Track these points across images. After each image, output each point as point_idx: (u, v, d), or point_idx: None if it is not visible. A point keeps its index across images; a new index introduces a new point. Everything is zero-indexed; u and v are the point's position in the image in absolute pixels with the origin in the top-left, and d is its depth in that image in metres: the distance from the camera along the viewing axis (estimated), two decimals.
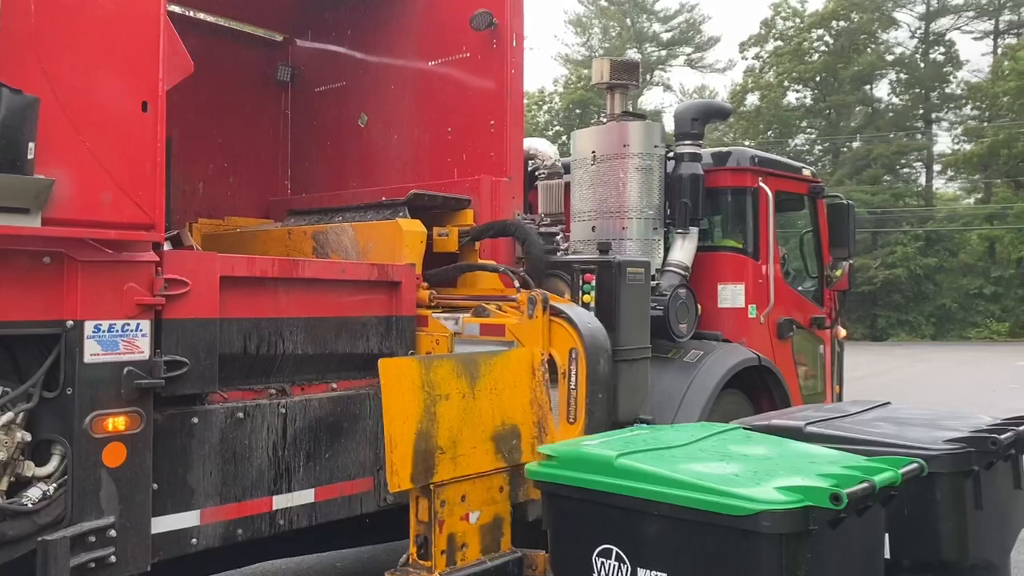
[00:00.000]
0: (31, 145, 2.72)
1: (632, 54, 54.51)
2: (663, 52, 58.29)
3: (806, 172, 7.26)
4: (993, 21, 49.15)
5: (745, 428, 3.99)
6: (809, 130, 52.84)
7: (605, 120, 6.38)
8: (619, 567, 3.12)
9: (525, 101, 5.43)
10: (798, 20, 51.84)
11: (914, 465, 3.27)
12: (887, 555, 3.54)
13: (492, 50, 4.97)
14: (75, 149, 2.90)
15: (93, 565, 3.01)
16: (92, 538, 3.00)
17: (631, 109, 6.44)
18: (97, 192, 2.96)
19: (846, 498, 2.74)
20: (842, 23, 50.35)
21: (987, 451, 3.70)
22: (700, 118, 6.44)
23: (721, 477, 3.03)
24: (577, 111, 50.12)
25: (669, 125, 6.86)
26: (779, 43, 52.33)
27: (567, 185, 6.49)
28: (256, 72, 6.13)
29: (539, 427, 4.13)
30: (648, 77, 57.24)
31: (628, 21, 56.06)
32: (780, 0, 52.72)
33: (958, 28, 49.73)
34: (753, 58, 53.91)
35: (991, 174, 45.07)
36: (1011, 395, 16.52)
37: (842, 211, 7.14)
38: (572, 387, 4.36)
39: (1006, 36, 49.00)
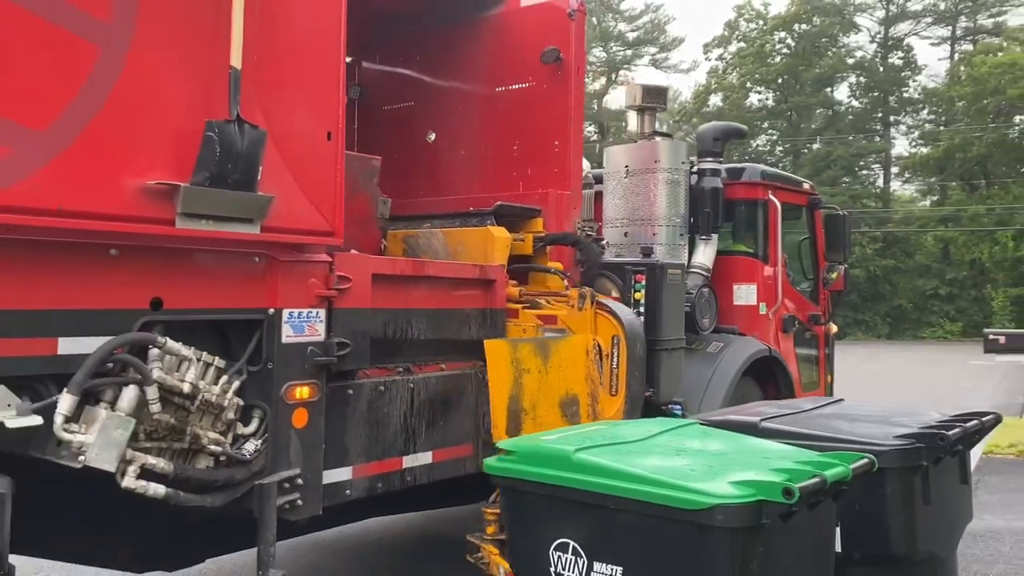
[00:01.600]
0: (260, 168, 3.44)
1: (598, 53, 55.43)
2: (628, 52, 59.22)
3: (806, 185, 8.19)
4: (950, 28, 50.85)
5: (702, 423, 4.08)
6: (771, 131, 54.16)
7: (636, 138, 7.19)
8: (576, 561, 3.13)
9: None
10: (761, 22, 53.12)
11: (864, 461, 3.30)
12: (838, 548, 3.59)
13: (557, 80, 5.74)
14: (281, 171, 3.62)
15: (288, 507, 3.73)
16: (287, 485, 3.73)
17: (658, 128, 7.27)
18: (296, 206, 3.67)
19: (798, 492, 2.76)
20: (804, 26, 51.70)
21: (935, 447, 3.76)
22: (721, 138, 7.31)
23: (677, 471, 3.05)
24: None
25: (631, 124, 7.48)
26: (742, 45, 53.60)
27: (597, 194, 7.30)
28: None
29: (592, 397, 5.02)
30: (613, 77, 58.22)
31: (594, 20, 56.84)
32: (744, 2, 53.98)
33: (916, 34, 51.41)
34: (717, 59, 55.19)
35: (946, 177, 46.75)
36: (964, 393, 17.54)
37: (838, 220, 8.06)
38: (614, 367, 5.25)
39: (962, 42, 50.77)
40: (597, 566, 3.06)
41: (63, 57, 2.92)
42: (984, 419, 4.21)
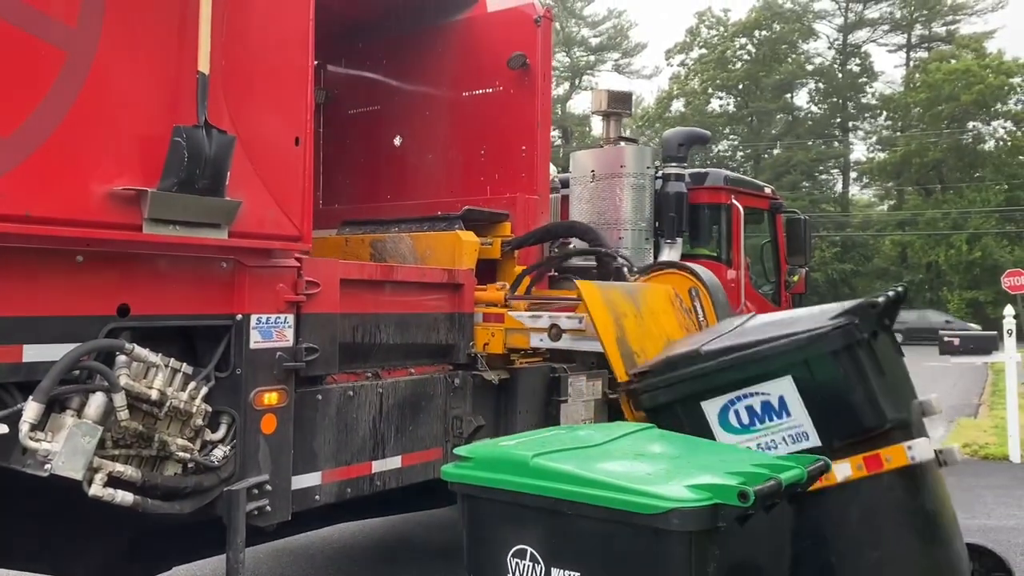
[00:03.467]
0: (228, 174, 3.43)
1: (561, 58, 55.75)
2: (591, 57, 59.70)
3: (767, 190, 8.32)
4: (906, 35, 51.86)
5: (649, 395, 3.98)
6: (732, 136, 54.87)
7: (602, 143, 7.26)
8: (533, 567, 3.10)
9: None
10: (722, 29, 53.82)
11: (820, 463, 3.31)
12: (818, 443, 3.66)
13: (523, 85, 5.79)
14: (249, 176, 3.60)
15: (257, 513, 3.72)
16: (256, 491, 3.72)
17: (624, 134, 7.35)
18: (264, 211, 3.66)
19: (753, 495, 2.76)
20: (764, 33, 52.46)
21: (869, 318, 3.71)
22: (685, 143, 7.40)
23: (633, 476, 3.03)
24: None
25: (596, 128, 7.71)
26: (704, 51, 54.25)
27: (564, 199, 7.36)
28: None
29: None
30: (577, 82, 58.60)
31: (558, 25, 57.20)
32: (705, 9, 54.69)
33: (874, 41, 52.43)
34: (679, 65, 55.88)
35: (903, 182, 47.65)
36: (919, 393, 17.97)
37: (798, 224, 8.20)
38: (701, 318, 5.18)
39: (918, 49, 51.79)
40: (555, 572, 3.04)
41: (28, 62, 2.89)
42: (897, 290, 4.01)
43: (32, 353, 3.02)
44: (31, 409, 2.94)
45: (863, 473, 3.63)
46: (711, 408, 3.86)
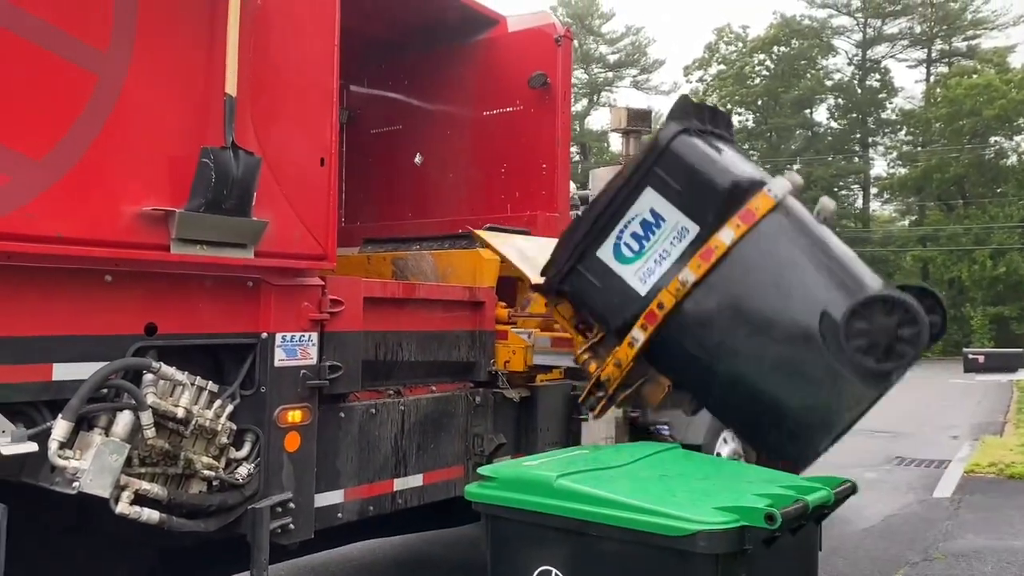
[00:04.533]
0: (254, 194, 3.47)
1: (579, 75, 55.91)
2: (610, 74, 59.86)
3: None
4: (926, 50, 51.66)
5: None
6: (751, 152, 54.80)
7: (622, 160, 7.28)
8: None
9: None
10: (740, 45, 53.86)
11: (846, 485, 3.33)
12: (697, 228, 3.79)
13: (544, 104, 5.83)
14: (275, 197, 3.65)
15: (280, 531, 3.74)
16: (279, 509, 3.73)
17: None
18: (289, 230, 3.70)
19: (780, 518, 2.76)
20: (783, 49, 52.44)
21: (688, 112, 3.99)
22: None
23: (659, 497, 3.02)
24: None
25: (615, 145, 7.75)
26: (722, 67, 54.25)
27: None
28: None
29: None
30: (595, 98, 58.74)
31: (576, 42, 57.28)
32: (723, 25, 54.69)
33: (893, 56, 52.24)
34: (697, 81, 55.80)
35: (924, 197, 47.32)
36: (944, 411, 17.70)
37: None
38: None
39: (938, 65, 51.57)
40: None
41: (61, 86, 2.95)
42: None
43: (62, 371, 3.06)
44: (60, 427, 2.98)
45: (744, 229, 3.75)
46: (606, 252, 4.05)
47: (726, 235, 3.75)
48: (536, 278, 4.42)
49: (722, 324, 3.81)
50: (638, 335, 3.94)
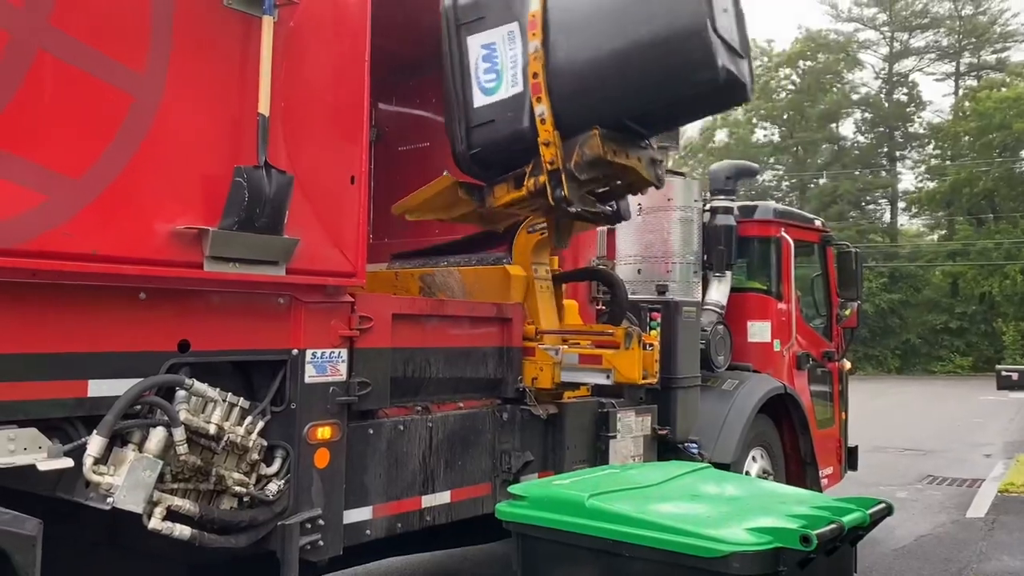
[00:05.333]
0: (286, 212, 3.50)
1: None
2: None
3: (817, 223, 8.25)
4: (954, 63, 51.26)
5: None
6: (777, 167, 54.48)
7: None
8: None
9: None
10: (766, 59, 53.63)
11: (882, 506, 3.29)
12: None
13: None
14: (306, 215, 3.68)
15: (309, 547, 3.74)
16: (309, 525, 3.74)
17: (671, 168, 7.34)
18: (320, 248, 3.73)
19: (815, 539, 2.74)
20: (809, 63, 52.21)
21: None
22: (733, 176, 7.38)
23: (691, 518, 3.02)
24: None
25: None
26: None
27: (610, 232, 7.35)
28: None
29: None
30: None
31: None
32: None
33: (920, 70, 51.88)
34: None
35: (954, 212, 46.80)
36: (976, 428, 17.44)
37: (849, 258, 8.09)
38: None
39: (966, 78, 51.14)
40: None
41: (99, 107, 3.00)
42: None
43: (97, 388, 3.09)
44: (95, 443, 3.01)
45: None
46: (479, 98, 4.61)
47: (534, 4, 4.35)
48: None
49: (579, 47, 4.31)
50: (540, 109, 4.35)
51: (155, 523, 3.20)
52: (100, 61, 3.00)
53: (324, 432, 3.83)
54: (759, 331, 7.30)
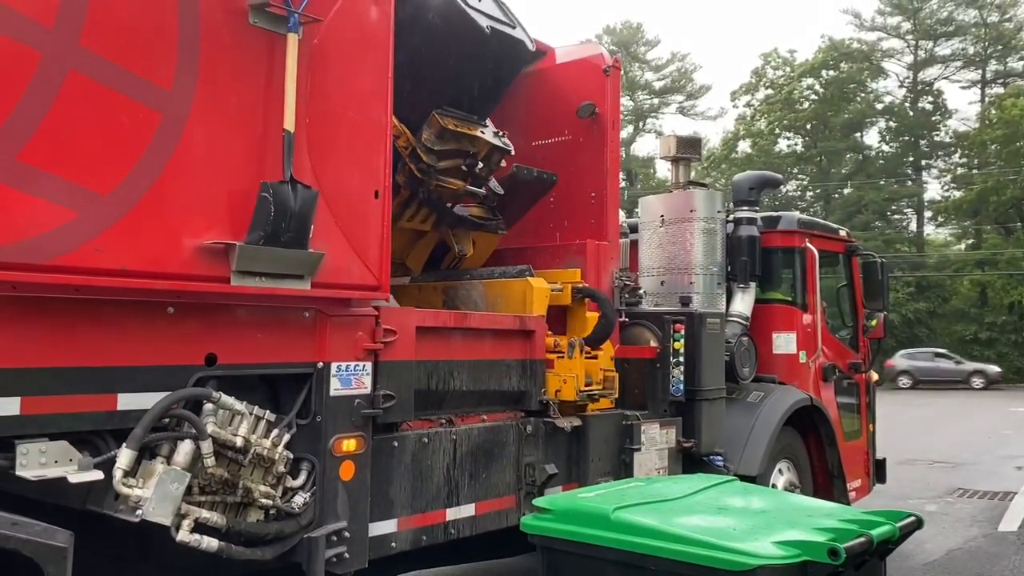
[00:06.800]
0: (312, 227, 3.53)
1: (625, 102, 55.93)
2: (655, 100, 59.84)
3: (842, 233, 8.19)
4: (980, 71, 50.73)
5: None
6: (800, 176, 54.12)
7: (671, 188, 7.26)
8: None
9: None
10: (788, 69, 53.40)
11: (911, 519, 3.25)
12: None
13: (593, 133, 5.85)
14: (331, 229, 3.71)
15: (335, 560, 3.76)
16: (334, 538, 3.76)
17: (693, 178, 7.34)
18: (345, 262, 3.76)
19: (844, 553, 2.72)
20: (832, 72, 51.87)
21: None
22: (756, 187, 7.35)
23: (718, 531, 3.00)
24: None
25: (661, 171, 7.75)
26: (770, 92, 53.82)
27: (632, 244, 7.35)
28: None
29: None
30: (641, 125, 58.72)
31: (621, 70, 57.22)
32: (770, 50, 54.30)
33: (946, 78, 51.39)
34: (744, 106, 55.48)
35: (981, 220, 46.25)
36: (1006, 441, 17.16)
37: (875, 268, 8.03)
38: None
39: (993, 85, 50.58)
40: None
41: (128, 124, 3.04)
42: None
43: (126, 401, 3.14)
44: (124, 456, 3.05)
45: None
46: None
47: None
48: None
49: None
50: None
51: (183, 535, 3.23)
52: (129, 79, 3.05)
53: (349, 445, 3.85)
54: (784, 342, 7.25)
